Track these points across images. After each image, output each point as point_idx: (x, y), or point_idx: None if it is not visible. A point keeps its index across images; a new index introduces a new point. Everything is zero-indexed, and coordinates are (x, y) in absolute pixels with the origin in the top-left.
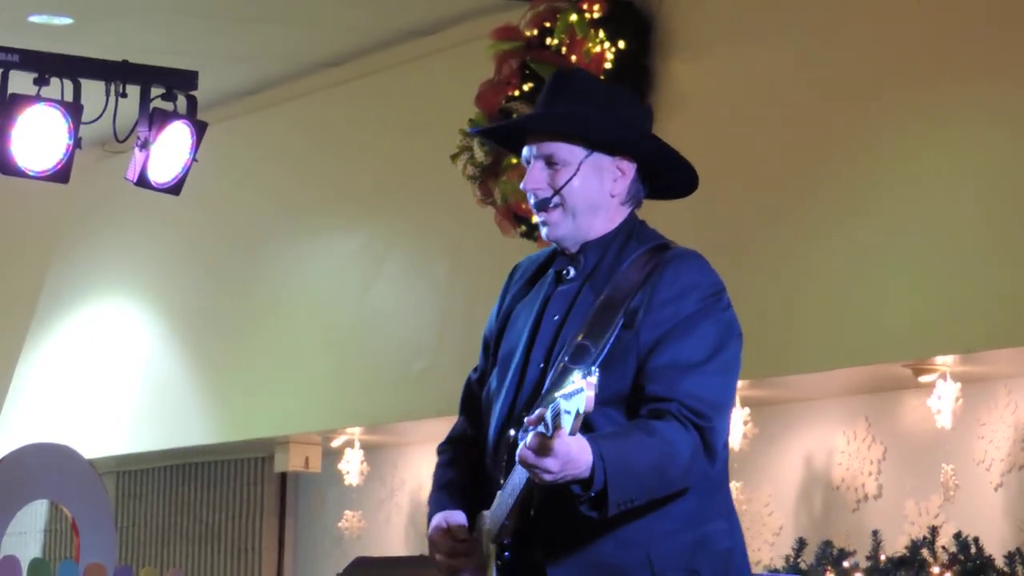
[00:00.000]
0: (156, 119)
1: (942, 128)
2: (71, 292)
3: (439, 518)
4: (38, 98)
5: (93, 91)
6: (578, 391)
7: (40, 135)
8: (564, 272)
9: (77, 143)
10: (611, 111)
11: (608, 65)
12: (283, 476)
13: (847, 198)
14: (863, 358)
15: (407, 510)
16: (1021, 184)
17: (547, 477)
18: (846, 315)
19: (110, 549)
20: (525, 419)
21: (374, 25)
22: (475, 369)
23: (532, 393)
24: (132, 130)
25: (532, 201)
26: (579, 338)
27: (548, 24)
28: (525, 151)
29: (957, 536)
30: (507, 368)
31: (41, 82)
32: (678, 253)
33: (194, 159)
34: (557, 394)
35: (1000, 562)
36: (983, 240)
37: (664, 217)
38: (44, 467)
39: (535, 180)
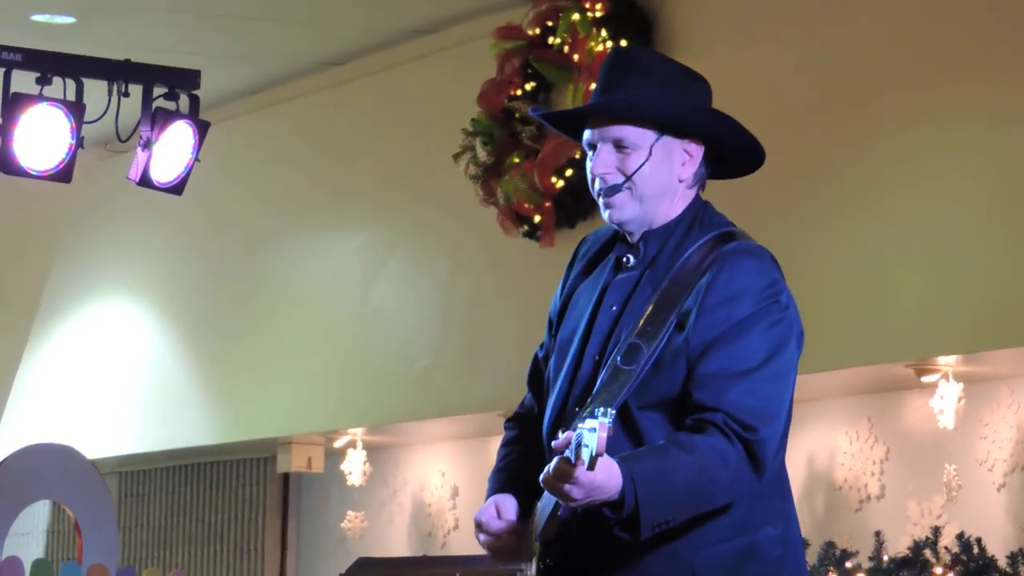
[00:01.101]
0: (158, 118)
1: (944, 128)
2: (73, 292)
3: (491, 503)
4: (40, 97)
5: (95, 90)
6: (594, 431)
7: (42, 134)
8: (624, 260)
9: (79, 142)
10: (677, 90)
11: None
12: (286, 476)
13: (849, 198)
14: (866, 358)
15: (410, 510)
16: None
17: (572, 504)
18: (848, 315)
19: (113, 550)
20: (554, 443)
21: (376, 24)
22: (541, 345)
23: (584, 389)
24: (134, 129)
25: (599, 186)
26: (632, 337)
27: (550, 23)
28: (588, 134)
29: (960, 536)
30: (564, 356)
31: (43, 81)
32: (736, 249)
33: (196, 159)
34: (581, 425)
35: (1003, 563)
36: (986, 240)
37: None
38: (47, 468)
39: (605, 164)
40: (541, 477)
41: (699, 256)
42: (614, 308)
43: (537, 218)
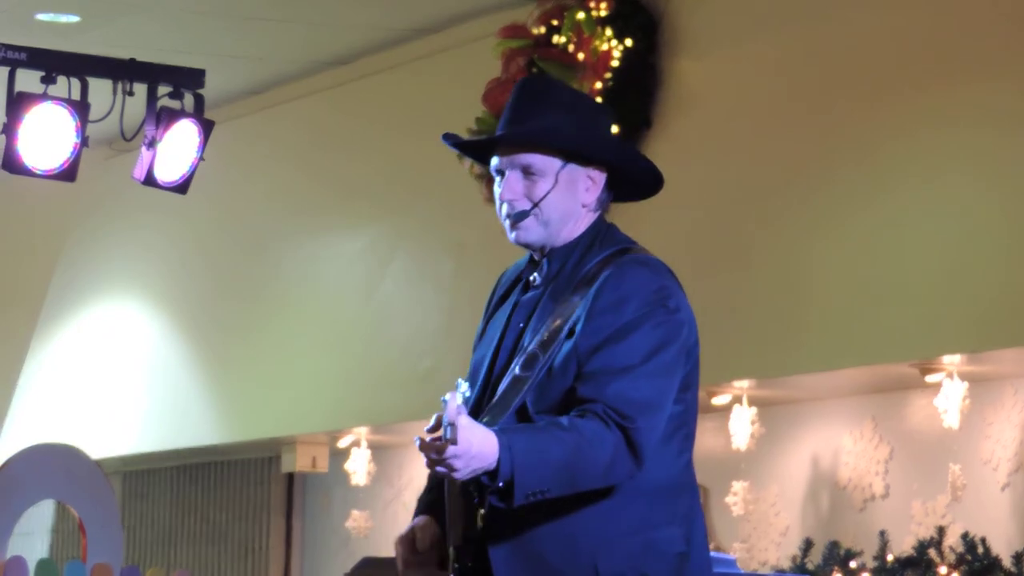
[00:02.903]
0: (163, 118)
1: (950, 128)
2: (78, 291)
3: (407, 527)
4: (45, 97)
5: (100, 90)
6: (447, 401)
7: (47, 134)
8: (531, 280)
9: (84, 142)
10: (582, 119)
11: (615, 63)
12: (290, 476)
13: (854, 197)
14: (870, 358)
15: (414, 510)
16: None
17: (456, 475)
18: (852, 315)
19: (117, 549)
20: (424, 427)
21: (381, 24)
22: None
23: (489, 400)
24: (139, 129)
25: (507, 211)
26: (532, 347)
27: (555, 22)
28: (496, 161)
29: (964, 536)
30: (476, 376)
31: (48, 80)
32: (627, 260)
33: (201, 158)
34: (443, 397)
35: (1007, 562)
36: (990, 240)
37: (669, 217)
38: (51, 467)
39: (513, 191)
40: (425, 459)
41: (596, 270)
42: (520, 325)
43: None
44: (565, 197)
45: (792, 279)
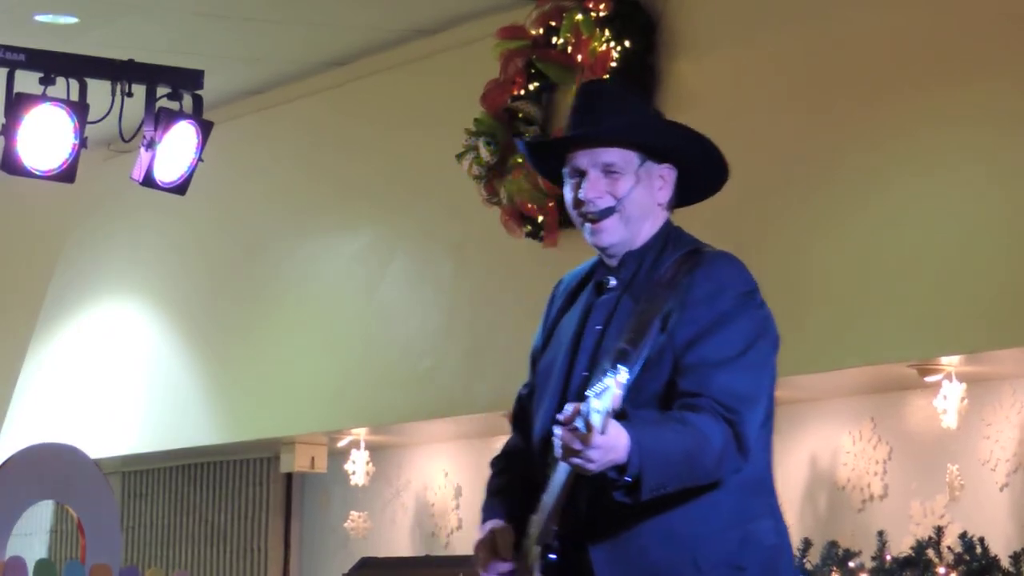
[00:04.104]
0: (162, 119)
1: (950, 128)
2: (76, 292)
3: (483, 529)
4: (44, 97)
5: (99, 91)
6: (605, 389)
7: (46, 135)
8: (605, 282)
9: (83, 143)
10: (651, 117)
11: (614, 64)
12: (289, 476)
13: (853, 197)
14: (868, 358)
15: (413, 510)
16: None
17: (591, 466)
18: (851, 315)
19: (116, 549)
20: (560, 416)
21: (380, 24)
22: (525, 385)
23: (578, 399)
24: (138, 129)
25: (589, 209)
26: (620, 344)
27: (554, 23)
28: (576, 160)
29: (962, 536)
30: (549, 378)
31: (47, 81)
32: (713, 254)
33: (200, 159)
34: (588, 392)
35: (1005, 562)
36: (989, 240)
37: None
38: (50, 467)
39: (597, 189)
40: (559, 447)
41: (675, 268)
42: (598, 327)
43: (540, 218)
44: (644, 194)
45: (791, 279)
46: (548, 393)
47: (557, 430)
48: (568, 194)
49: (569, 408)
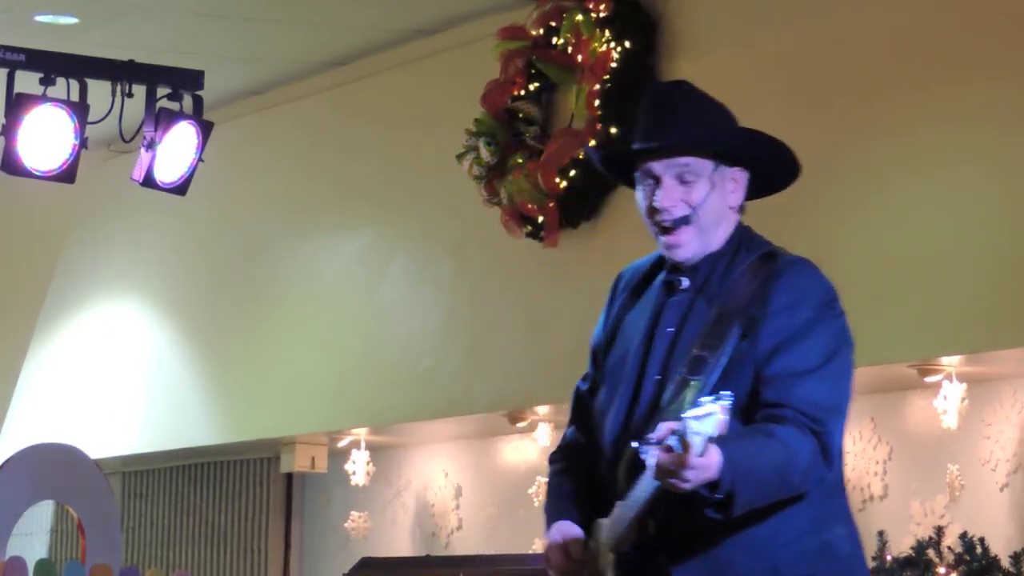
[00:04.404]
0: (162, 119)
1: (950, 128)
2: (77, 292)
3: (555, 531)
4: (44, 98)
5: (99, 91)
6: (709, 415)
7: (46, 135)
8: (677, 282)
9: (83, 143)
10: (724, 119)
11: (614, 65)
12: (289, 476)
13: (851, 198)
14: (869, 358)
15: (413, 510)
16: None
17: (684, 486)
18: (851, 315)
19: (116, 550)
20: (651, 435)
21: (380, 25)
22: (584, 378)
23: (650, 406)
24: (138, 130)
25: (664, 218)
26: (696, 350)
27: (554, 23)
28: (652, 166)
29: (963, 536)
30: (619, 379)
31: (47, 82)
32: (791, 261)
33: (200, 159)
34: (687, 414)
35: (1006, 562)
36: (989, 240)
37: None
38: (50, 468)
39: (672, 198)
40: (654, 464)
41: (751, 272)
42: (670, 330)
43: (541, 218)
44: (718, 199)
45: None
46: (619, 395)
47: (652, 450)
48: (642, 201)
49: (663, 428)
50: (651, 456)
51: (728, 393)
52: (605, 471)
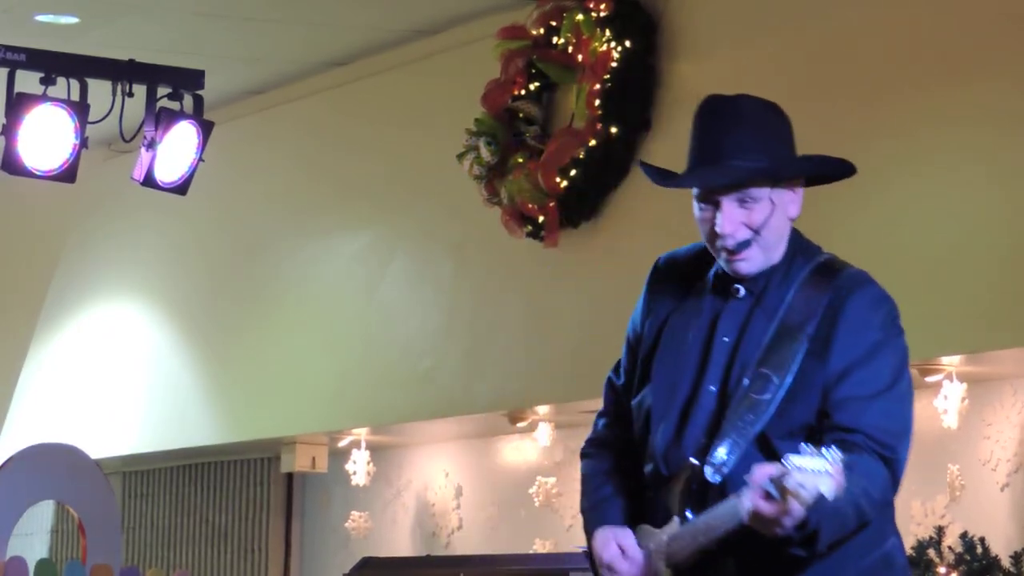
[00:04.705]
0: (162, 119)
1: (950, 128)
2: (77, 292)
3: (610, 538)
4: (44, 98)
5: (99, 91)
6: (820, 472)
7: (46, 135)
8: (734, 289)
9: (83, 143)
10: (783, 134)
11: (614, 64)
12: (289, 476)
13: (851, 198)
14: None
15: (414, 510)
16: None
17: (779, 532)
18: None
19: (116, 550)
20: (750, 478)
21: (380, 25)
22: (616, 369)
23: (711, 419)
24: (138, 130)
25: (728, 243)
26: (760, 366)
27: (554, 23)
28: (709, 190)
29: (963, 536)
30: (670, 385)
31: (47, 82)
32: (854, 276)
33: (200, 159)
34: (791, 463)
35: (1006, 562)
36: (989, 240)
37: (668, 219)
38: (51, 468)
39: (733, 223)
40: (751, 510)
41: (812, 285)
42: (726, 339)
43: (541, 218)
44: (779, 217)
45: None
46: (672, 404)
47: (748, 493)
48: (702, 223)
49: (761, 473)
50: (746, 498)
51: (835, 448)
52: (652, 479)
